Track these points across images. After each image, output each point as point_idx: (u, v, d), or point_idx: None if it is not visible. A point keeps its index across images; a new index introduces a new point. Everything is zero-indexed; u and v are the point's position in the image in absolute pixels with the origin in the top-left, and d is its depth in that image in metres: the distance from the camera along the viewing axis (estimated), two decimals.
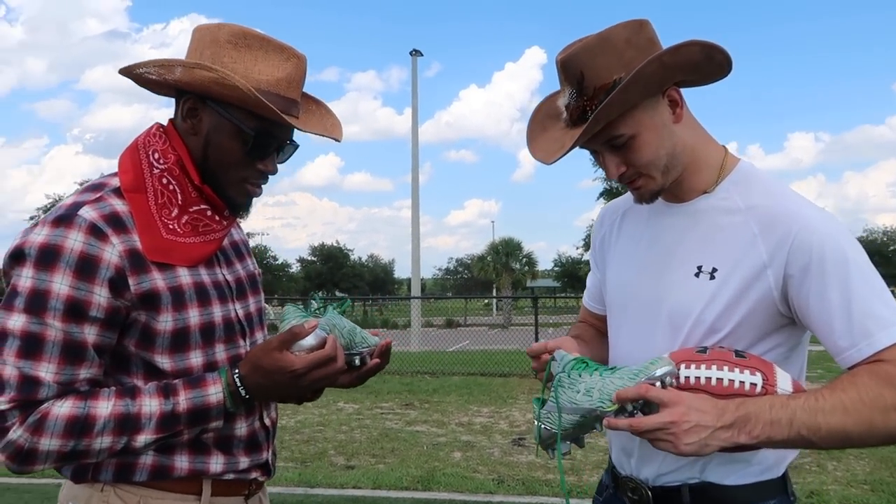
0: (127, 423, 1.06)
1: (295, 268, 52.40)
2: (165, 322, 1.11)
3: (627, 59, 1.10)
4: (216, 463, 1.17)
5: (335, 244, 55.13)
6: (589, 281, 1.51)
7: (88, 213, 1.07)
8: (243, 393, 1.14)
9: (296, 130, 1.22)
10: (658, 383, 1.05)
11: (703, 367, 1.08)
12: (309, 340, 1.15)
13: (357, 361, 1.27)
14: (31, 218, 44.26)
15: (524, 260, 40.00)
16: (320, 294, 1.36)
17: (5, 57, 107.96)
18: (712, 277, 1.16)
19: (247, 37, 1.15)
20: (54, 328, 1.03)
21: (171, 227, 1.14)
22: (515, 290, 40.79)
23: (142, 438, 1.08)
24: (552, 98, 1.25)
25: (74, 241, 1.04)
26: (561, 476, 1.20)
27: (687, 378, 1.08)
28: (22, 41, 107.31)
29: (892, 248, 41.71)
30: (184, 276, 1.14)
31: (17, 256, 1.05)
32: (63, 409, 1.04)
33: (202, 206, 1.18)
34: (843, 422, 1.02)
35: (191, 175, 1.17)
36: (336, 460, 5.59)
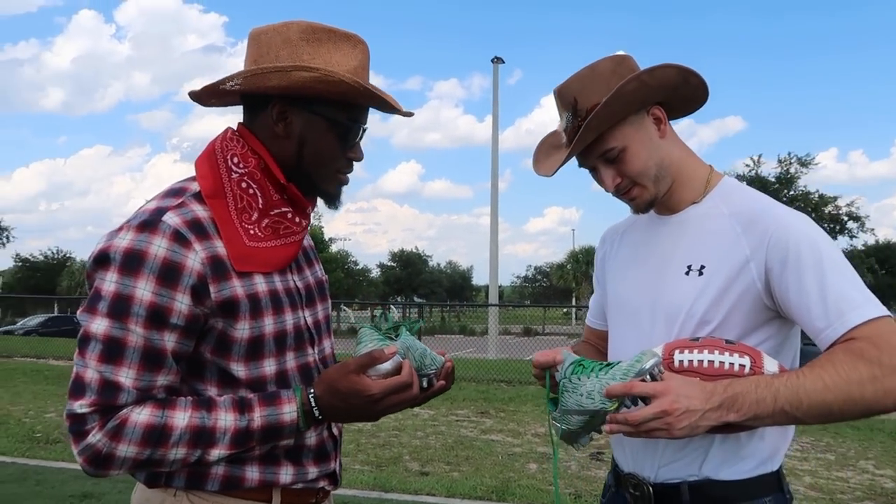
0: (202, 437, 1.06)
1: (375, 273, 53.30)
2: (242, 330, 1.10)
3: (613, 85, 1.24)
4: (286, 474, 1.16)
5: (414, 250, 55.71)
6: (591, 301, 1.63)
7: (172, 218, 1.07)
8: (317, 413, 1.13)
9: None
10: (647, 376, 1.12)
11: (695, 351, 1.17)
12: (387, 365, 1.13)
13: (425, 383, 1.26)
14: None
15: None
16: (398, 299, 1.33)
17: (114, 72, 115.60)
18: (700, 273, 1.27)
19: (315, 31, 1.14)
20: (136, 334, 1.03)
21: (251, 232, 1.13)
22: None
23: (215, 452, 1.07)
24: (552, 134, 1.42)
25: (158, 247, 1.04)
26: (555, 480, 1.16)
27: (681, 362, 1.17)
28: (129, 57, 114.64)
29: None
30: (260, 284, 1.13)
31: (102, 260, 1.05)
32: (141, 416, 1.04)
33: (284, 209, 1.18)
34: (824, 396, 1.09)
35: (276, 176, 1.16)
36: (411, 466, 5.60)
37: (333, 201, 1.24)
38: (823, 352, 1.15)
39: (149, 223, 1.06)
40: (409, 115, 1.27)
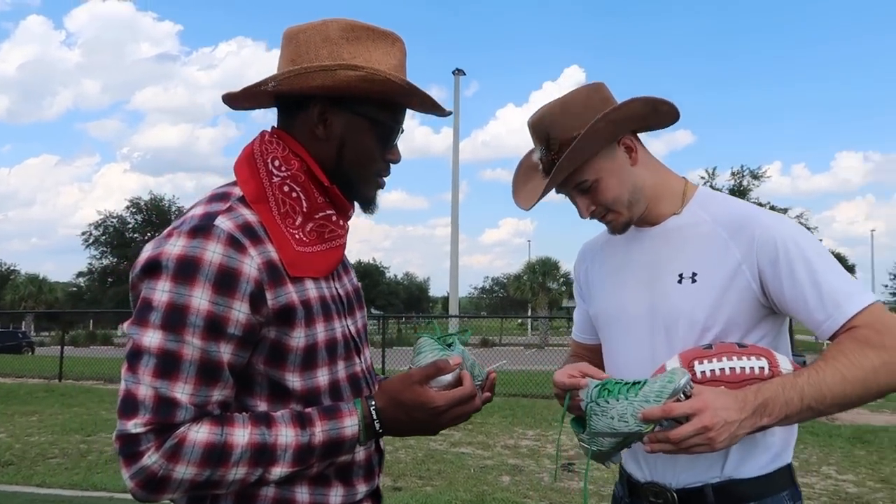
0: (264, 454, 1.00)
1: None
2: (298, 338, 1.05)
3: (585, 119, 1.29)
4: (336, 495, 1.11)
5: (371, 261, 55.54)
6: (576, 316, 1.65)
7: (224, 223, 1.01)
8: (378, 427, 1.08)
9: None
10: (681, 395, 1.14)
11: (714, 360, 1.20)
12: (448, 376, 1.10)
13: None
14: (83, 233, 45.34)
15: (561, 280, 39.66)
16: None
17: (63, 79, 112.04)
18: (694, 281, 1.31)
19: (354, 29, 1.11)
20: (192, 346, 0.96)
21: (297, 237, 1.09)
22: (552, 310, 40.39)
23: (277, 471, 1.01)
24: (530, 153, 1.45)
25: (213, 252, 0.98)
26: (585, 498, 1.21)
27: (703, 373, 1.19)
28: (79, 64, 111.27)
29: None
30: (311, 290, 1.09)
31: (153, 268, 0.99)
32: (200, 434, 0.97)
33: (328, 212, 1.14)
34: (843, 387, 1.15)
35: (320, 179, 1.13)
36: (382, 480, 5.49)
37: (370, 205, 1.21)
38: (828, 342, 1.23)
39: (201, 228, 1.00)
40: (448, 113, 1.26)
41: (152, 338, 0.96)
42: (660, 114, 1.37)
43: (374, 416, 1.07)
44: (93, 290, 44.05)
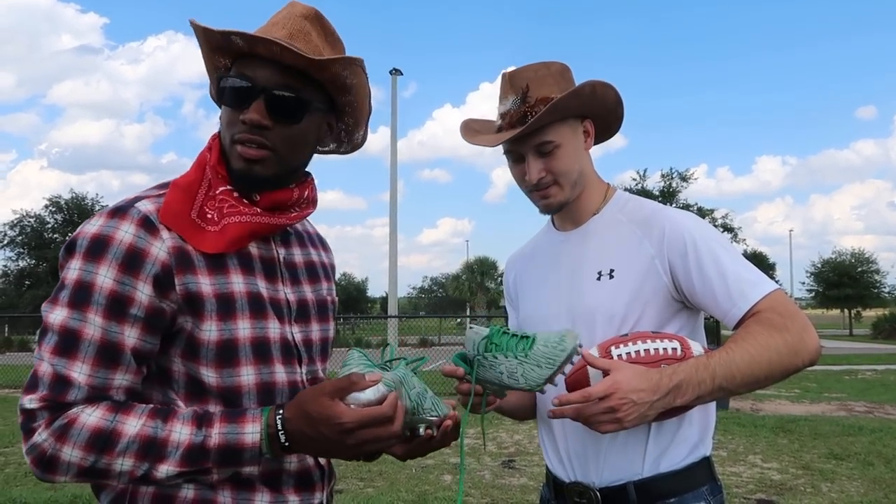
0: (151, 448, 0.96)
1: None
2: (209, 331, 1.03)
3: (562, 85, 1.37)
4: (261, 500, 1.06)
5: None
6: (510, 325, 1.66)
7: (145, 206, 1.03)
8: (282, 438, 0.99)
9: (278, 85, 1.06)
10: (575, 358, 1.21)
11: (629, 344, 1.25)
12: (368, 394, 0.99)
13: (422, 430, 1.13)
14: None
15: (499, 279, 40.10)
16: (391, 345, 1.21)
17: None
18: (612, 277, 1.37)
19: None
20: (93, 325, 0.97)
21: (209, 216, 1.07)
22: (490, 309, 40.76)
23: (164, 469, 0.96)
24: (475, 121, 1.50)
25: (125, 232, 0.99)
26: (462, 454, 1.23)
27: (619, 356, 1.24)
28: None
29: (859, 269, 42.34)
30: (237, 284, 1.06)
31: (70, 248, 1.00)
32: (91, 418, 0.95)
33: (226, 187, 1.10)
34: (751, 368, 1.20)
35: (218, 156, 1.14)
36: None
37: (240, 180, 1.09)
38: (734, 328, 1.28)
39: (120, 209, 1.02)
40: (315, 61, 1.05)
41: (57, 315, 0.96)
42: (615, 115, 1.45)
43: (279, 427, 0.98)
44: (8, 293, 41.67)
